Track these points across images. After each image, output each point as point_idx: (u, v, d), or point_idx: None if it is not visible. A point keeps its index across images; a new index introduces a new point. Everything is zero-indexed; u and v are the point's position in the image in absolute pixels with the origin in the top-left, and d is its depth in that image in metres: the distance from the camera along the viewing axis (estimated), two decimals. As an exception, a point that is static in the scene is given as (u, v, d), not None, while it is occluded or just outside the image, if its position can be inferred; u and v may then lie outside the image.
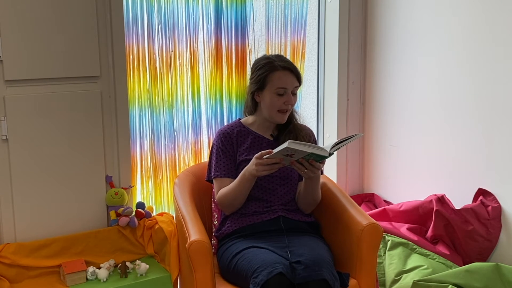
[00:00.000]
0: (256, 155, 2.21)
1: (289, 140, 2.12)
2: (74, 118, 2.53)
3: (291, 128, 2.45)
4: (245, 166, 2.36)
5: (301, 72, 2.47)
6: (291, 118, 2.47)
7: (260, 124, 2.46)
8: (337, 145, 2.15)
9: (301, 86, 2.46)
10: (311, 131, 2.54)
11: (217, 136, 2.46)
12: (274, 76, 2.35)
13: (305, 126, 2.52)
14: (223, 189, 2.37)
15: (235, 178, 2.40)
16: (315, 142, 2.53)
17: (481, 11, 2.66)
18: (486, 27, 2.65)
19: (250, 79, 2.45)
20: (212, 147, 2.47)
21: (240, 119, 2.53)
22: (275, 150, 2.15)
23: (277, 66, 2.35)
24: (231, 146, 2.42)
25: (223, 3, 2.97)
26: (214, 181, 2.44)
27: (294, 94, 2.39)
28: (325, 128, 3.38)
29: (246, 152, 2.42)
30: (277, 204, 2.38)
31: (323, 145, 2.37)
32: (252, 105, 2.46)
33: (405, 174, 3.14)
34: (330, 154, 2.15)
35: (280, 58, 2.41)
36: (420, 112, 3.02)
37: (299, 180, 2.47)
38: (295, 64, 2.43)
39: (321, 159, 2.17)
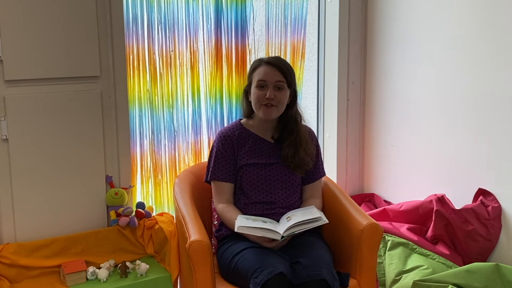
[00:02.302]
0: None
1: (238, 225, 2.16)
2: (74, 118, 2.54)
3: (292, 140, 2.39)
4: (246, 171, 2.36)
5: (296, 78, 2.41)
6: (295, 126, 2.41)
7: (259, 125, 2.44)
8: (295, 227, 2.16)
9: (299, 87, 2.44)
10: (313, 136, 2.49)
11: (217, 138, 2.45)
12: (257, 70, 2.37)
13: (306, 129, 2.46)
14: (226, 210, 2.36)
15: (233, 182, 2.40)
16: (317, 146, 2.49)
17: (482, 12, 2.66)
18: (486, 27, 2.65)
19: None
20: (212, 148, 2.46)
21: (240, 119, 2.52)
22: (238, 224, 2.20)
23: (262, 61, 2.37)
24: (231, 150, 2.41)
25: (223, 3, 2.97)
26: (212, 183, 2.44)
27: (279, 89, 2.33)
28: (325, 128, 3.39)
29: (246, 156, 2.40)
30: (279, 207, 2.38)
31: (290, 215, 2.30)
32: (248, 107, 2.44)
33: (405, 174, 3.14)
34: (283, 237, 2.15)
35: (270, 56, 2.43)
36: (420, 112, 3.02)
37: (303, 184, 2.47)
38: (286, 62, 2.38)
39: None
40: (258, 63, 2.39)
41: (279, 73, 2.33)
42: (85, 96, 2.55)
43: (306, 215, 2.23)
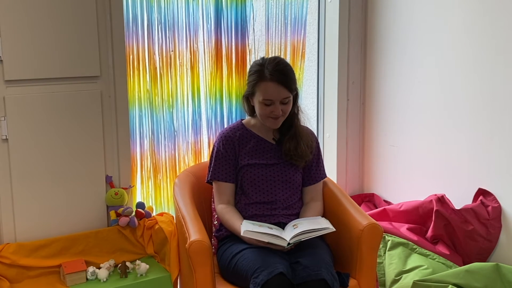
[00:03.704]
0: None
1: (245, 229, 2.15)
2: (74, 118, 2.53)
3: (292, 133, 2.39)
4: (247, 171, 2.36)
5: (296, 78, 2.37)
6: (294, 121, 2.42)
7: (261, 126, 2.44)
8: (302, 234, 2.15)
9: (299, 87, 2.43)
10: (313, 135, 2.50)
11: (219, 139, 2.44)
12: (261, 86, 2.29)
13: (307, 129, 2.47)
14: (225, 211, 2.36)
15: (233, 182, 2.40)
16: (318, 147, 2.50)
17: (482, 10, 2.66)
18: (486, 27, 2.64)
19: (246, 82, 2.42)
20: (213, 149, 2.46)
21: (242, 119, 2.51)
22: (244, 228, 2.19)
23: (265, 75, 2.28)
24: (232, 150, 2.41)
25: (223, 3, 2.97)
26: (213, 183, 2.44)
27: (284, 103, 2.30)
28: (325, 128, 3.39)
29: (247, 156, 2.40)
30: (279, 208, 2.38)
31: (293, 225, 2.28)
32: (249, 107, 2.43)
33: (405, 174, 3.14)
34: (289, 244, 2.14)
35: (272, 64, 2.29)
36: (420, 112, 3.02)
37: (303, 185, 2.47)
38: (289, 70, 2.32)
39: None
40: (260, 75, 2.29)
41: (284, 90, 2.28)
42: (85, 96, 2.55)
43: (313, 225, 2.22)
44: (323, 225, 2.22)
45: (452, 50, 2.82)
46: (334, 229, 2.20)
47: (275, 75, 2.27)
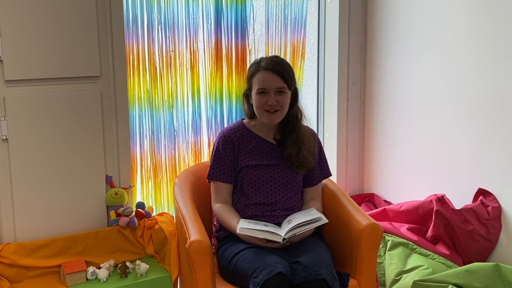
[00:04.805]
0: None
1: (241, 227, 2.18)
2: (74, 118, 2.54)
3: (294, 138, 2.39)
4: (247, 172, 2.36)
5: (296, 78, 2.37)
6: (296, 124, 2.41)
7: (261, 126, 2.43)
8: (296, 228, 2.19)
9: (299, 87, 2.42)
10: (315, 137, 2.49)
11: (218, 138, 2.44)
12: (256, 76, 2.33)
13: (308, 129, 2.47)
14: (222, 210, 2.37)
15: (231, 183, 2.41)
16: (320, 151, 2.50)
17: (482, 12, 2.66)
18: (486, 27, 2.64)
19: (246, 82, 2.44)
20: (213, 148, 2.46)
21: (243, 119, 2.51)
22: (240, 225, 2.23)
23: (260, 67, 2.33)
24: (232, 151, 2.41)
25: (223, 3, 2.97)
26: (211, 182, 2.45)
27: (280, 94, 2.31)
28: (325, 128, 3.39)
29: (248, 157, 2.40)
30: (279, 209, 2.38)
31: (289, 219, 2.32)
32: (249, 109, 2.43)
33: (405, 174, 3.14)
34: (285, 239, 2.16)
35: (269, 58, 2.35)
36: (420, 112, 3.02)
37: (304, 186, 2.47)
38: (285, 64, 2.35)
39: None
40: (256, 68, 2.35)
41: (279, 79, 2.31)
42: (85, 96, 2.55)
43: (307, 217, 2.26)
44: (315, 215, 2.25)
45: (451, 50, 2.82)
46: (327, 220, 2.25)
47: (270, 65, 2.32)
